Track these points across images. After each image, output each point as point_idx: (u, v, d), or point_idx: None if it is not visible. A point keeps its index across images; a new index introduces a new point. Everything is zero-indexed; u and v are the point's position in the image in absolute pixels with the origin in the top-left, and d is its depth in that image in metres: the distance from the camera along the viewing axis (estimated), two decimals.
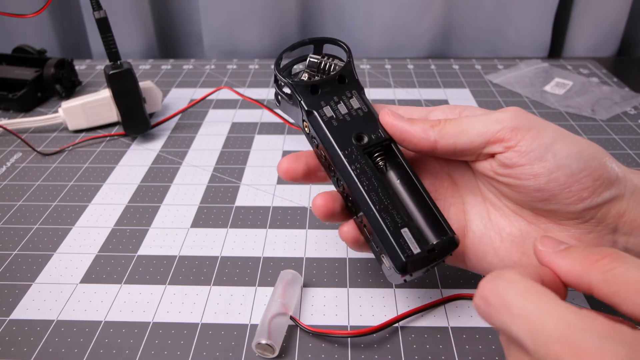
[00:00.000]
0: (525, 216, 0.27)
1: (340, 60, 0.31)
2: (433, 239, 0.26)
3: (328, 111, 0.28)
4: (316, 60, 0.31)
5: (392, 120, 0.28)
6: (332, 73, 0.30)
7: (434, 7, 0.72)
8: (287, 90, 0.30)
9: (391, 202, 0.26)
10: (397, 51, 0.75)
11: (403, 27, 0.73)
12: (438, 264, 0.27)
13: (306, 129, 0.29)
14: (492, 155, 0.26)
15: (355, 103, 0.29)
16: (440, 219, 0.27)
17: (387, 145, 0.28)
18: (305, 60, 0.31)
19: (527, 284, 0.19)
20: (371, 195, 0.26)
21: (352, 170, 0.27)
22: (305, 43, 0.31)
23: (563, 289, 0.21)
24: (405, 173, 0.28)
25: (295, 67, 0.32)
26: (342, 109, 0.29)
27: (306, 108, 0.28)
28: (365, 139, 0.28)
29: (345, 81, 0.29)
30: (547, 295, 0.19)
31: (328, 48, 0.32)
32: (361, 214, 0.27)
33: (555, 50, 0.77)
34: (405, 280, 0.26)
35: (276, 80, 0.30)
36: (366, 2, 0.72)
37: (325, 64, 0.30)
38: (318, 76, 0.31)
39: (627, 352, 0.16)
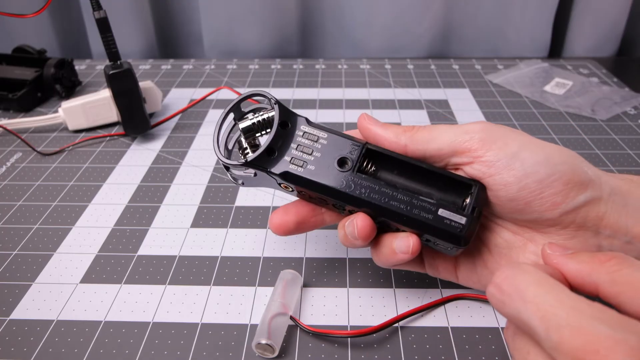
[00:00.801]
0: (509, 227, 0.28)
1: (264, 107, 0.30)
2: (466, 199, 0.26)
3: (297, 161, 0.27)
4: (248, 124, 0.29)
5: (367, 124, 0.28)
6: (269, 123, 0.28)
7: (434, 7, 0.72)
8: (238, 172, 0.29)
9: (412, 197, 0.26)
10: (397, 51, 0.75)
11: (403, 27, 0.73)
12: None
13: (288, 188, 0.29)
14: (460, 166, 0.27)
15: (311, 137, 0.28)
16: (455, 178, 0.27)
17: (366, 151, 0.28)
18: (237, 124, 0.29)
19: (541, 275, 0.20)
20: (392, 204, 0.26)
21: (361, 195, 0.27)
22: (227, 115, 0.29)
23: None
24: (395, 161, 0.28)
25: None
26: (306, 149, 0.28)
27: (278, 172, 0.27)
28: (348, 162, 0.27)
29: (288, 125, 0.28)
30: (560, 286, 0.19)
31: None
32: (395, 227, 0.27)
33: (555, 50, 0.77)
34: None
35: (227, 168, 0.29)
36: (366, 2, 0.72)
37: (258, 121, 0.29)
38: (259, 134, 0.29)
39: (637, 341, 0.16)
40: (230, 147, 0.30)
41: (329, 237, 0.37)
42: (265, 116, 0.29)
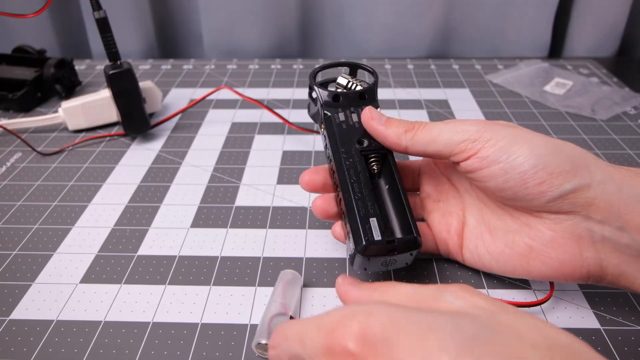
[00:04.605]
0: (509, 211, 0.29)
1: (368, 84, 0.35)
2: (398, 234, 0.29)
3: (341, 116, 0.33)
4: (344, 81, 0.36)
5: (369, 120, 0.31)
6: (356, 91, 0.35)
7: (434, 7, 0.72)
8: (314, 96, 0.35)
9: (369, 196, 0.30)
10: (397, 51, 0.75)
11: (403, 27, 0.73)
12: (395, 262, 0.29)
13: (322, 128, 0.34)
14: (458, 163, 0.29)
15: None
16: (410, 222, 0.29)
17: (384, 154, 0.32)
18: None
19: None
20: (354, 185, 0.30)
21: (344, 161, 0.31)
22: (342, 65, 0.38)
23: None
24: (394, 182, 0.31)
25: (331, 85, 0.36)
26: (355, 117, 0.33)
27: (325, 112, 0.33)
28: (365, 143, 0.32)
29: (365, 97, 0.34)
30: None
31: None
32: (340, 197, 0.30)
33: (555, 50, 0.77)
34: (365, 269, 0.29)
35: (310, 89, 0.35)
36: (366, 2, 0.72)
37: (353, 84, 0.35)
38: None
39: (326, 320, 0.20)
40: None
41: (329, 237, 0.37)
42: (358, 85, 0.35)
